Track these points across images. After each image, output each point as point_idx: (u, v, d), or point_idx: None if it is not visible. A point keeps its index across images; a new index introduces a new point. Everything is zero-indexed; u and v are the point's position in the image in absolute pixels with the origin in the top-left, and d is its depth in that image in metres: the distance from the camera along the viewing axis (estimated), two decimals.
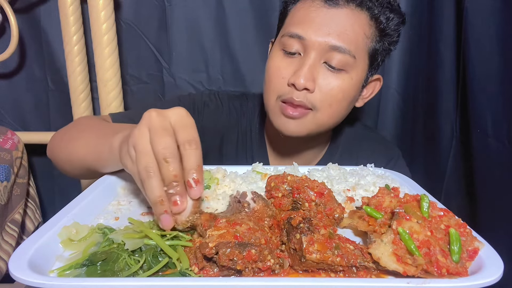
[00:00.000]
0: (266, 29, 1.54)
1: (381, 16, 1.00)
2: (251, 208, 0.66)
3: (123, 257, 0.56)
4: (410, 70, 1.58)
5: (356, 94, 1.06)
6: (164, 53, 1.61)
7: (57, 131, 1.07)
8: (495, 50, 1.14)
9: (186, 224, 0.63)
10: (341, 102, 1.02)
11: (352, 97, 1.05)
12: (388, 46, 1.07)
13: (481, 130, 1.19)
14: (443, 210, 0.61)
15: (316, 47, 0.96)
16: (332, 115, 1.04)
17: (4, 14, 1.48)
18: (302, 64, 0.97)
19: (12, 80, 1.65)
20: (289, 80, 0.98)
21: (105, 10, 1.40)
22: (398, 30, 1.05)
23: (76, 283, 0.50)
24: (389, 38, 1.05)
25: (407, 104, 1.62)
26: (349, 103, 1.06)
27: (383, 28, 1.02)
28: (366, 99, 1.15)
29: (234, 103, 1.26)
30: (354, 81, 1.01)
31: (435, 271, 0.52)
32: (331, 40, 0.95)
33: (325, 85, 0.98)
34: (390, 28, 1.03)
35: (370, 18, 0.99)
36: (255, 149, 1.23)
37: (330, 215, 0.68)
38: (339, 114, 1.06)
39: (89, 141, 0.90)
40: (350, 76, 1.00)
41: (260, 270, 0.54)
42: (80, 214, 0.69)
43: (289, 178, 0.72)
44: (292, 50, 1.00)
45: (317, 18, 0.97)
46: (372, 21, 1.00)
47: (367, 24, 0.99)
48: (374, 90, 1.15)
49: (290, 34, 0.99)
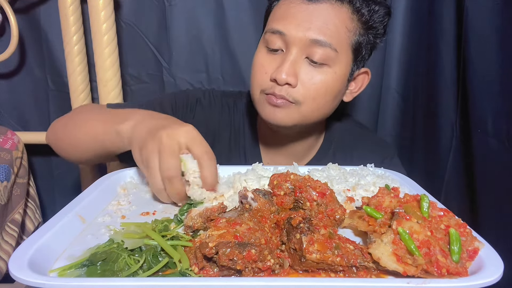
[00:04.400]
0: None
1: (363, 9, 0.99)
2: (253, 207, 0.66)
3: (123, 257, 0.56)
4: (410, 70, 1.58)
5: (341, 89, 1.05)
6: (164, 53, 1.61)
7: (57, 119, 1.10)
8: (496, 50, 1.14)
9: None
10: (324, 96, 1.02)
11: (337, 92, 1.04)
12: (373, 39, 1.05)
13: (482, 130, 1.19)
14: (443, 210, 0.61)
15: (297, 43, 0.97)
16: (316, 109, 1.03)
17: (4, 14, 1.48)
18: (284, 60, 0.98)
19: (12, 80, 1.65)
20: (271, 76, 0.99)
21: (105, 10, 1.40)
22: (383, 22, 1.04)
23: (76, 283, 0.50)
24: (373, 31, 1.03)
25: (407, 104, 1.62)
26: (334, 97, 1.05)
27: (366, 20, 1.01)
28: (355, 93, 1.14)
29: (227, 100, 1.26)
30: (338, 75, 1.01)
31: (435, 271, 0.52)
32: (312, 34, 0.95)
33: (308, 80, 0.98)
34: (374, 20, 1.02)
35: (352, 11, 0.98)
36: (248, 145, 1.23)
37: (331, 216, 0.68)
38: (324, 108, 1.05)
39: (95, 126, 0.96)
40: (333, 70, 0.99)
41: (260, 270, 0.54)
42: (80, 214, 0.70)
43: (292, 177, 0.72)
44: (275, 47, 1.00)
45: (297, 13, 0.97)
46: (354, 15, 0.99)
47: (349, 18, 0.98)
48: (363, 83, 1.14)
49: (272, 31, 1.00)
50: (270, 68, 1.01)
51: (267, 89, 1.01)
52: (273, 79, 0.99)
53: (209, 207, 0.68)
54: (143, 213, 0.76)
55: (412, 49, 1.55)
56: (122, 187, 0.88)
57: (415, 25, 1.51)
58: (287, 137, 1.16)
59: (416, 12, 1.50)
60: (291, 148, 1.19)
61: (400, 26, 1.55)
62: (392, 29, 1.55)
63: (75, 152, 1.05)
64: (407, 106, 1.62)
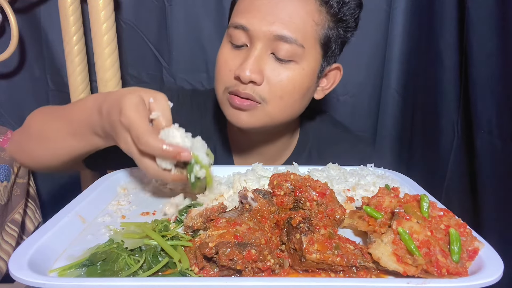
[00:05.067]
0: None
1: (332, 0, 0.95)
2: (253, 207, 0.66)
3: (123, 257, 0.56)
4: (410, 70, 1.58)
5: (310, 85, 1.00)
6: (164, 53, 1.61)
7: (15, 132, 1.04)
8: (499, 49, 1.13)
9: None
10: (292, 94, 0.96)
11: (306, 89, 0.98)
12: (344, 33, 1.00)
13: (486, 130, 1.19)
14: (443, 210, 0.61)
15: (261, 38, 0.91)
16: (284, 108, 0.98)
17: (4, 14, 1.48)
18: (248, 56, 0.92)
19: (12, 80, 1.65)
20: (235, 73, 0.93)
21: (105, 10, 1.40)
22: (354, 15, 0.98)
23: (76, 283, 0.50)
24: (344, 24, 0.98)
25: (407, 104, 1.62)
26: (303, 95, 0.99)
27: (335, 13, 0.95)
28: (327, 90, 1.09)
29: (197, 100, 1.20)
30: (306, 72, 0.95)
31: (435, 271, 0.52)
32: (276, 29, 0.90)
33: (274, 77, 0.93)
34: (344, 13, 0.96)
35: (320, 3, 0.93)
36: (219, 147, 1.18)
37: (331, 216, 0.68)
38: (293, 106, 1.00)
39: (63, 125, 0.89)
40: (301, 67, 0.94)
41: (260, 270, 0.54)
42: (80, 214, 0.70)
43: (292, 177, 0.72)
44: (239, 42, 0.95)
45: (261, 6, 0.92)
46: (323, 7, 0.94)
47: (317, 10, 0.93)
48: (335, 80, 1.09)
49: (235, 25, 0.94)
50: (234, 64, 0.95)
51: (231, 87, 0.96)
52: (237, 76, 0.93)
53: (209, 207, 0.68)
54: (143, 213, 0.76)
55: (412, 49, 1.55)
56: (122, 187, 0.88)
57: (415, 25, 1.51)
58: (258, 138, 1.11)
59: (416, 12, 1.50)
60: (263, 150, 1.15)
61: (400, 26, 1.55)
62: (392, 29, 1.55)
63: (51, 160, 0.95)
64: (407, 106, 1.62)
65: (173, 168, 0.71)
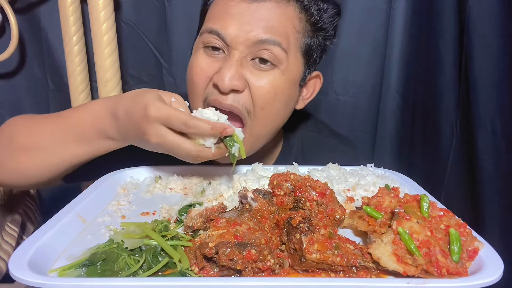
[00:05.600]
0: None
1: (312, 7, 0.92)
2: (253, 207, 0.66)
3: (123, 257, 0.56)
4: (410, 70, 1.58)
5: (292, 93, 0.96)
6: (164, 53, 1.61)
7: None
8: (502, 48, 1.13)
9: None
10: (274, 102, 0.91)
11: (287, 96, 0.95)
12: (323, 41, 0.99)
13: (488, 129, 1.18)
14: (443, 210, 0.61)
15: (239, 45, 0.88)
16: (265, 121, 0.93)
17: (4, 14, 1.48)
18: (226, 62, 0.88)
19: (12, 80, 1.65)
20: (213, 80, 0.89)
21: (105, 10, 1.40)
22: (333, 23, 0.97)
23: (76, 283, 0.50)
24: (323, 32, 0.97)
25: (407, 104, 1.62)
26: (285, 104, 0.95)
27: (316, 21, 0.94)
28: (307, 100, 1.06)
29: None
30: (287, 78, 0.92)
31: (435, 271, 0.52)
32: (256, 35, 0.87)
33: (254, 83, 0.89)
34: (324, 21, 0.95)
35: (300, 10, 0.91)
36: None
37: (331, 216, 0.68)
38: (275, 118, 0.95)
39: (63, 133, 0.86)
40: (282, 72, 0.91)
41: (260, 270, 0.54)
42: (80, 214, 0.70)
43: (292, 177, 0.72)
44: (215, 45, 0.90)
45: (237, 15, 0.88)
46: (302, 14, 0.92)
47: (297, 17, 0.91)
48: (314, 89, 1.07)
49: (209, 30, 0.90)
50: (212, 70, 0.90)
51: (210, 96, 0.90)
52: (215, 84, 0.88)
53: (209, 207, 0.68)
54: (143, 213, 0.76)
55: (412, 49, 1.55)
56: (122, 187, 0.88)
57: (415, 25, 1.51)
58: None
59: (416, 12, 1.50)
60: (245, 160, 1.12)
61: (400, 26, 1.55)
62: (392, 29, 1.55)
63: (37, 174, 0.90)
64: (407, 106, 1.62)
65: (212, 146, 0.76)
